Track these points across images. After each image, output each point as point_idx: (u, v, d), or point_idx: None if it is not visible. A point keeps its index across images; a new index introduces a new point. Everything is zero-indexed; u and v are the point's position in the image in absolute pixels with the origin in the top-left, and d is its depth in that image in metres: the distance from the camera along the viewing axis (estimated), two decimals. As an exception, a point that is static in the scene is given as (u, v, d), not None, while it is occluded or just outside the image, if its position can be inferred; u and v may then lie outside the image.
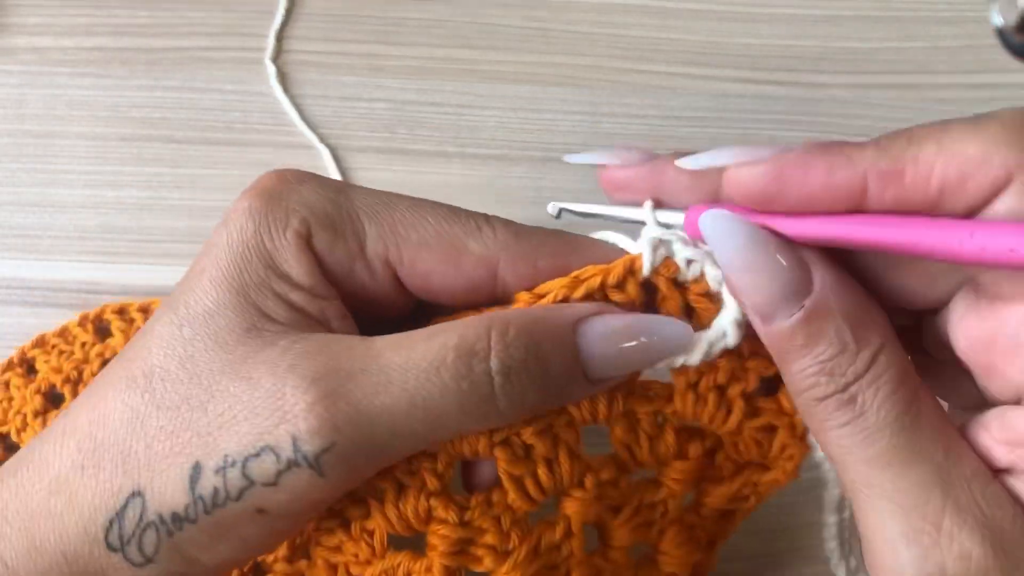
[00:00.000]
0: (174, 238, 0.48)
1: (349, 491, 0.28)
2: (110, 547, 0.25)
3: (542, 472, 0.28)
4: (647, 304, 0.28)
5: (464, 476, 0.30)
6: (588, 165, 0.29)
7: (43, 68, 0.53)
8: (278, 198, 0.27)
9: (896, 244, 0.23)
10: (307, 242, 0.27)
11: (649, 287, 0.27)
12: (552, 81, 0.53)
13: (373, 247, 0.27)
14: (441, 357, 0.24)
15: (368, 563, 0.29)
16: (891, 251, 0.23)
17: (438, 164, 0.50)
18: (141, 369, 0.26)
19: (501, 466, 0.27)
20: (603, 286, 0.27)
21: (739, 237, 0.24)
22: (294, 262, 0.27)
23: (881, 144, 0.23)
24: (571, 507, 0.28)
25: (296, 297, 0.26)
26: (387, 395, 0.24)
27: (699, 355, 0.27)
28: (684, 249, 0.27)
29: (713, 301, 0.27)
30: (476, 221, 0.28)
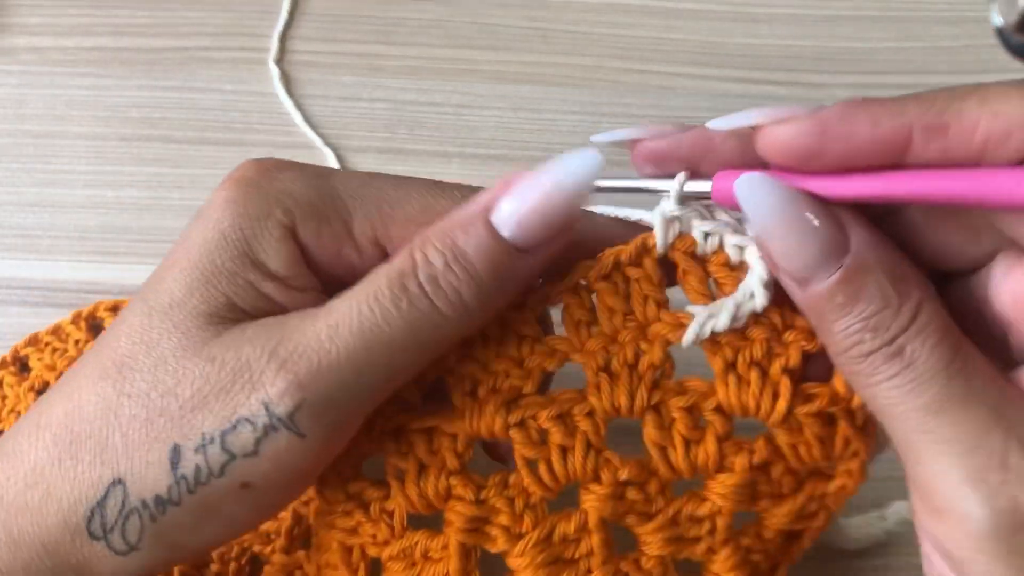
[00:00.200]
0: (174, 238, 0.46)
1: (356, 471, 0.29)
2: (92, 536, 0.25)
3: (555, 458, 0.27)
4: (669, 281, 0.28)
5: (489, 449, 0.31)
6: (616, 143, 0.28)
7: (43, 68, 0.53)
8: (257, 187, 0.27)
9: (947, 195, 0.22)
10: (291, 232, 0.27)
11: (669, 264, 0.28)
12: (552, 81, 0.53)
13: (360, 229, 0.27)
14: (377, 288, 0.25)
15: (386, 543, 0.29)
16: (941, 203, 0.23)
17: (438, 164, 0.50)
18: (111, 359, 0.26)
19: (516, 448, 0.28)
20: (618, 264, 0.27)
21: (775, 199, 0.24)
22: (273, 252, 0.27)
23: (923, 99, 0.22)
24: (587, 501, 0.28)
25: (269, 288, 0.26)
26: (339, 340, 0.25)
27: (727, 317, 0.26)
28: (701, 223, 0.27)
29: (735, 271, 0.27)
30: (461, 192, 0.28)
